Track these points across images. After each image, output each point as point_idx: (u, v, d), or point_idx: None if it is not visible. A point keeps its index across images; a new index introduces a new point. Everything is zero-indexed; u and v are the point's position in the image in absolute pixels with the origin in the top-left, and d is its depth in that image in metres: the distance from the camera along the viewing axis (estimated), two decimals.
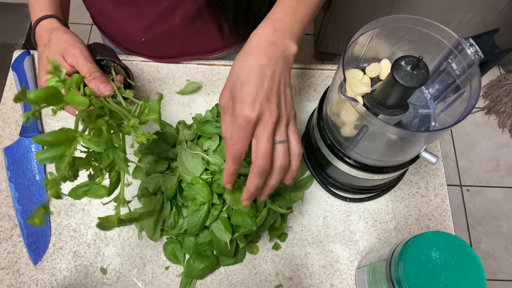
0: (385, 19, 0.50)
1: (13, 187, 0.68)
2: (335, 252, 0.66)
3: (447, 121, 0.54)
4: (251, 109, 0.43)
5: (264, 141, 0.44)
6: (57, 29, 0.54)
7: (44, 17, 0.55)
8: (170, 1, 0.65)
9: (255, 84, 0.44)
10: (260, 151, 0.44)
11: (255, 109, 0.43)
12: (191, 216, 0.58)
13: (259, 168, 0.45)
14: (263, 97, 0.44)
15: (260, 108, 0.43)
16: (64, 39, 0.52)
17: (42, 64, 0.52)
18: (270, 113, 0.44)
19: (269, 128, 0.44)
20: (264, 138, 0.44)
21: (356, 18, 1.55)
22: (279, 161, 0.46)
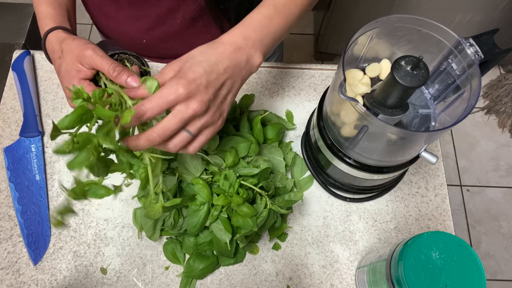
0: (385, 19, 0.50)
1: (13, 187, 0.68)
2: (335, 252, 0.66)
3: (447, 121, 0.54)
4: (185, 85, 0.42)
5: (173, 121, 0.43)
6: (65, 38, 0.54)
7: (50, 30, 0.56)
8: (171, 3, 0.65)
9: (205, 69, 0.44)
10: (163, 125, 0.43)
11: (188, 87, 0.42)
12: (191, 216, 0.58)
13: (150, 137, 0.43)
14: (204, 83, 0.43)
15: (194, 90, 0.42)
16: (75, 45, 0.52)
17: (63, 76, 0.52)
18: (199, 101, 0.43)
19: (187, 113, 0.43)
20: (175, 118, 0.43)
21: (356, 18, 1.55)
22: (172, 144, 0.45)
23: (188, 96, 0.42)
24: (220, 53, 0.46)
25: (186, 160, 0.61)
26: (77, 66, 0.51)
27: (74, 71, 0.50)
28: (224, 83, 0.46)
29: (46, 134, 0.72)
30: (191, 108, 0.43)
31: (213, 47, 0.46)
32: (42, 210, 0.66)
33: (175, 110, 0.43)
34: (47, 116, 0.74)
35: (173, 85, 0.42)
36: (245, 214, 0.56)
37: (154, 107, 0.42)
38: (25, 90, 0.73)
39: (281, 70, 0.80)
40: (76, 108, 0.41)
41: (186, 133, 0.45)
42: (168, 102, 0.42)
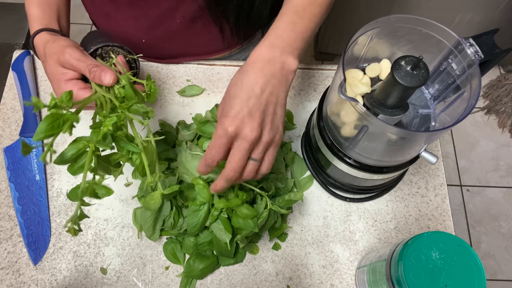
0: (385, 19, 0.50)
1: (13, 187, 0.68)
2: (335, 252, 0.66)
3: (447, 121, 0.54)
4: (230, 122, 0.44)
5: (237, 156, 0.46)
6: (47, 41, 0.54)
7: (36, 33, 0.56)
8: (170, 3, 0.65)
9: (241, 99, 0.45)
10: (231, 163, 0.46)
11: (233, 123, 0.44)
12: (191, 216, 0.58)
13: (227, 177, 0.47)
14: (246, 113, 0.45)
15: (240, 123, 0.44)
16: (55, 49, 0.52)
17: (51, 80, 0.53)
18: (250, 130, 0.45)
19: (245, 145, 0.45)
20: (238, 153, 0.45)
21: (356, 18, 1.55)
22: (245, 174, 0.48)
23: (237, 131, 0.44)
24: (250, 75, 0.46)
25: (186, 161, 0.61)
26: (59, 69, 0.51)
27: (59, 74, 0.51)
28: (268, 101, 0.46)
29: None
30: (246, 139, 0.45)
31: (243, 72, 0.47)
32: (42, 210, 0.66)
33: (233, 149, 0.46)
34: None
35: (220, 129, 0.45)
36: (245, 216, 0.56)
37: (216, 154, 0.46)
38: (25, 90, 0.73)
39: None
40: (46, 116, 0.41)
41: (253, 162, 0.47)
42: (222, 145, 0.45)
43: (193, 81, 0.78)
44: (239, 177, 0.48)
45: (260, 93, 0.46)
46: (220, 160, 0.47)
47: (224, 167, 0.47)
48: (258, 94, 0.46)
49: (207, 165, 0.47)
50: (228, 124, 0.44)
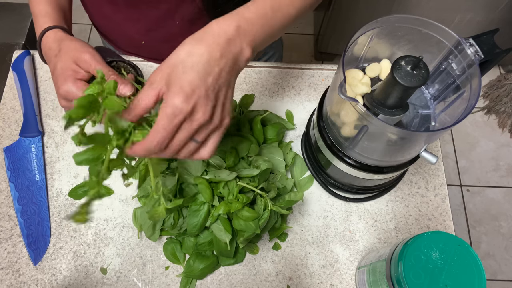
0: (385, 19, 0.50)
1: (13, 187, 0.68)
2: (335, 252, 0.66)
3: (447, 121, 0.54)
4: (186, 101, 0.40)
5: (182, 137, 0.42)
6: (64, 38, 0.54)
7: (48, 29, 0.55)
8: (170, 4, 0.65)
9: (200, 75, 0.41)
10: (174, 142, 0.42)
11: (190, 102, 0.40)
12: (191, 216, 0.58)
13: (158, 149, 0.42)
14: (203, 92, 0.41)
15: (195, 102, 0.40)
16: (74, 46, 0.52)
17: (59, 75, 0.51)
18: (202, 112, 0.41)
19: (194, 126, 0.41)
20: (184, 134, 0.42)
21: (356, 18, 1.55)
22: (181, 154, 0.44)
23: (192, 110, 0.41)
24: (211, 48, 0.42)
25: (186, 161, 0.61)
26: (74, 66, 0.51)
27: (70, 71, 0.50)
28: (223, 82, 0.43)
29: (46, 134, 0.72)
30: (196, 121, 0.41)
31: (202, 41, 0.42)
32: (42, 210, 0.66)
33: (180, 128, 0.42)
34: (47, 116, 0.74)
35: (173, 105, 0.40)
36: (246, 218, 0.56)
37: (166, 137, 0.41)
38: (25, 90, 0.73)
39: (281, 70, 0.80)
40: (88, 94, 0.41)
41: (194, 143, 0.44)
42: (175, 126, 0.41)
43: None
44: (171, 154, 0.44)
45: (219, 72, 0.42)
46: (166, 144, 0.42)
47: None
48: (217, 73, 0.42)
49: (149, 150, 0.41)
50: (182, 101, 0.40)
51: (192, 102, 0.40)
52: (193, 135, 0.43)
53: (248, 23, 0.45)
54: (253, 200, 0.60)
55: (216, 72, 0.42)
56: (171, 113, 0.40)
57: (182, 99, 0.40)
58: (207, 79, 0.41)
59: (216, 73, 0.42)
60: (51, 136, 0.72)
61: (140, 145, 0.42)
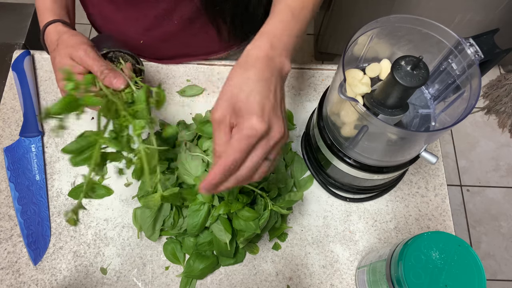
0: (385, 19, 0.50)
1: (13, 187, 0.68)
2: (335, 252, 0.66)
3: (447, 121, 0.54)
4: (261, 120, 0.40)
5: (260, 155, 0.41)
6: (63, 32, 0.55)
7: (50, 22, 0.57)
8: (168, 4, 0.65)
9: (263, 94, 0.41)
10: (250, 161, 0.41)
11: (264, 120, 0.40)
12: (191, 216, 0.58)
13: (239, 177, 0.42)
14: (271, 109, 0.41)
15: (269, 121, 0.41)
16: (70, 42, 0.53)
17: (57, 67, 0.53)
18: (278, 128, 0.41)
19: (271, 143, 0.41)
20: (261, 153, 0.41)
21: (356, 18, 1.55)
22: (258, 175, 0.44)
23: (268, 129, 0.41)
24: (262, 71, 0.43)
25: (186, 161, 0.61)
26: (70, 61, 0.52)
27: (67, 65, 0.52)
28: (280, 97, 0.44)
29: (46, 134, 0.72)
30: (273, 138, 0.41)
31: (252, 68, 0.43)
32: (42, 210, 0.66)
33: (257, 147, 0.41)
34: None
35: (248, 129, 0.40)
36: (246, 218, 0.56)
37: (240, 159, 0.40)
38: (25, 90, 0.73)
39: None
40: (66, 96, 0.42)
41: (268, 162, 0.43)
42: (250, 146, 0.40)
43: (193, 81, 0.78)
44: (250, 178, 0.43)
45: (275, 90, 0.43)
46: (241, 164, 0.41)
47: None
48: (274, 91, 0.43)
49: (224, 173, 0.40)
50: (257, 121, 0.39)
51: (267, 120, 0.40)
52: (268, 154, 0.43)
53: (278, 38, 0.46)
54: (253, 200, 0.60)
55: (273, 90, 0.43)
56: (248, 134, 0.40)
57: (257, 120, 0.40)
58: (269, 97, 0.42)
59: (273, 91, 0.43)
60: (51, 136, 0.72)
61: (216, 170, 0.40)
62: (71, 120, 0.73)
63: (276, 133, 0.42)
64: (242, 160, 0.41)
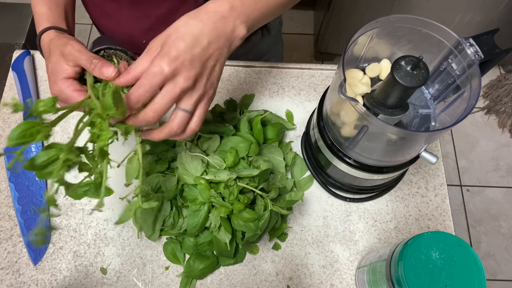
0: (385, 19, 0.50)
1: (13, 187, 0.68)
2: (335, 252, 0.66)
3: (447, 121, 0.54)
4: (168, 63, 0.42)
5: (165, 99, 0.44)
6: (54, 37, 0.54)
7: (43, 31, 0.56)
8: (172, 4, 0.65)
9: (186, 44, 0.43)
10: (154, 102, 0.44)
11: (171, 65, 0.42)
12: (191, 216, 0.58)
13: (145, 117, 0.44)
14: (188, 59, 0.43)
15: (178, 67, 0.43)
16: (59, 43, 0.52)
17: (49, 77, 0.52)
18: (185, 77, 0.43)
19: (176, 90, 0.44)
20: (166, 96, 0.44)
21: (356, 18, 1.55)
22: (175, 126, 0.46)
23: (174, 73, 0.43)
24: (204, 23, 0.45)
25: (186, 161, 0.61)
26: (62, 65, 0.51)
27: (60, 70, 0.50)
28: (211, 54, 0.46)
29: None
30: (178, 85, 0.43)
31: (197, 17, 0.46)
32: None
33: (163, 90, 0.44)
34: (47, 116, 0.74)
35: (157, 66, 0.42)
36: (246, 220, 0.56)
37: (143, 94, 0.43)
38: (25, 90, 0.73)
39: (281, 70, 0.80)
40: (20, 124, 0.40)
41: (182, 112, 0.46)
42: (155, 84, 0.43)
43: None
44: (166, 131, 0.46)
45: (207, 45, 0.45)
46: (145, 101, 0.44)
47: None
48: (205, 46, 0.45)
49: (129, 107, 0.43)
50: (166, 63, 0.42)
51: (174, 66, 0.43)
52: (177, 101, 0.45)
53: (241, 2, 0.48)
54: (253, 200, 0.60)
55: (205, 44, 0.45)
56: (152, 72, 0.43)
57: (165, 62, 0.42)
58: (193, 49, 0.44)
59: (205, 45, 0.45)
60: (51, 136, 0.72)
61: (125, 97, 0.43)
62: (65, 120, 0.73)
63: (181, 80, 0.43)
64: (145, 96, 0.43)
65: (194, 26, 0.45)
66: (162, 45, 0.44)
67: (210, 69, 0.46)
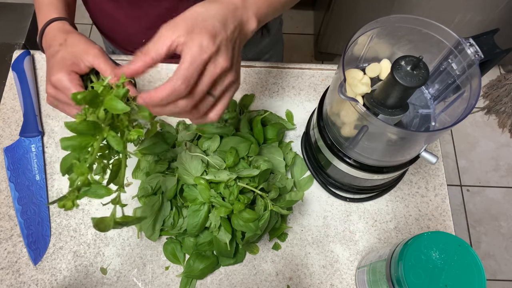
0: (385, 19, 0.50)
1: (13, 187, 0.68)
2: (335, 252, 0.66)
3: (447, 121, 0.54)
4: (212, 40, 0.39)
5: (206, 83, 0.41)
6: (72, 31, 0.54)
7: (56, 19, 0.55)
8: (171, 3, 0.65)
9: (221, 22, 0.41)
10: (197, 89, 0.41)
11: (216, 41, 0.39)
12: (191, 216, 0.58)
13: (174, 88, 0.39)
14: (225, 37, 0.41)
15: (220, 44, 0.40)
16: (83, 41, 0.52)
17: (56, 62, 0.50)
18: (225, 57, 0.41)
19: (217, 71, 0.41)
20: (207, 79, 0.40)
21: (356, 18, 1.55)
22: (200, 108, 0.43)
23: (217, 51, 0.40)
24: (224, 9, 0.43)
25: (186, 161, 0.61)
26: (76, 58, 0.50)
27: (70, 61, 0.50)
28: (236, 40, 0.44)
29: (46, 134, 0.72)
30: (219, 65, 0.41)
31: (214, 3, 0.43)
32: (42, 210, 0.66)
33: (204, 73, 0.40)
34: (47, 116, 0.74)
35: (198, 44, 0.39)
36: (246, 220, 0.56)
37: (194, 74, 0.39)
38: (25, 90, 0.73)
39: (281, 70, 0.80)
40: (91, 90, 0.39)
41: (211, 98, 0.43)
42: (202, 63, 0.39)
43: None
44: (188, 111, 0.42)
45: (233, 29, 0.42)
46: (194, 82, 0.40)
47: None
48: (232, 29, 0.42)
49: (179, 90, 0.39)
50: (209, 41, 0.39)
51: (218, 42, 0.40)
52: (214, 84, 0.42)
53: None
54: (253, 201, 0.60)
55: (232, 28, 0.42)
56: (198, 51, 0.39)
57: (208, 38, 0.39)
58: (226, 28, 0.41)
59: (232, 29, 0.42)
60: (51, 136, 0.72)
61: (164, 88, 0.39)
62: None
63: (222, 60, 0.41)
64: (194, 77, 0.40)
65: (217, 10, 0.42)
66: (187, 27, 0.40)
67: (237, 55, 0.44)
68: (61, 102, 0.51)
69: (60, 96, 0.50)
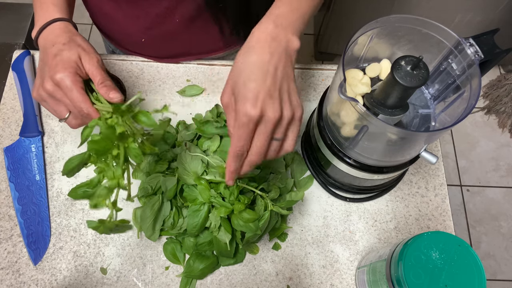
0: (385, 19, 0.50)
1: (13, 187, 0.68)
2: (335, 252, 0.66)
3: (447, 121, 0.54)
4: (253, 107, 0.43)
5: (262, 140, 0.45)
6: (77, 34, 0.55)
7: (60, 19, 0.55)
8: (170, 2, 0.65)
9: (258, 80, 0.43)
10: (256, 147, 0.45)
11: (257, 106, 0.43)
12: (191, 216, 0.58)
13: (251, 162, 0.47)
14: (266, 94, 0.43)
15: (262, 105, 0.43)
16: (86, 45, 0.53)
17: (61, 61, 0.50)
18: (272, 111, 0.44)
19: (269, 127, 0.44)
20: (263, 137, 0.45)
21: (356, 18, 1.55)
22: (269, 154, 0.48)
23: (261, 114, 0.43)
24: (261, 54, 0.45)
25: (186, 161, 0.61)
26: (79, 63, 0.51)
27: (74, 63, 0.50)
28: (282, 77, 0.45)
29: (46, 134, 0.72)
30: (270, 122, 0.44)
31: (250, 50, 0.46)
32: (42, 210, 0.66)
33: (257, 132, 0.45)
34: (47, 116, 0.74)
35: (243, 116, 0.43)
36: (246, 220, 0.56)
37: (245, 145, 0.45)
38: (25, 90, 0.73)
39: None
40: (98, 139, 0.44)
41: (276, 142, 0.47)
42: (250, 132, 0.44)
43: (193, 81, 0.78)
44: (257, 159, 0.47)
45: (274, 71, 0.45)
46: (248, 149, 0.46)
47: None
48: (273, 72, 0.44)
49: (236, 160, 0.46)
50: (250, 108, 0.43)
51: (259, 106, 0.43)
52: (272, 135, 0.46)
53: (283, 17, 0.48)
54: (253, 201, 0.60)
55: (272, 72, 0.45)
56: (243, 121, 0.43)
57: (250, 107, 0.43)
58: (265, 81, 0.44)
59: (272, 73, 0.45)
60: (51, 136, 0.72)
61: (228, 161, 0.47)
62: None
63: (270, 115, 0.44)
64: (247, 145, 0.45)
65: (253, 61, 0.45)
66: (233, 94, 0.45)
67: (287, 91, 0.46)
68: (55, 100, 0.51)
69: (58, 94, 0.50)
